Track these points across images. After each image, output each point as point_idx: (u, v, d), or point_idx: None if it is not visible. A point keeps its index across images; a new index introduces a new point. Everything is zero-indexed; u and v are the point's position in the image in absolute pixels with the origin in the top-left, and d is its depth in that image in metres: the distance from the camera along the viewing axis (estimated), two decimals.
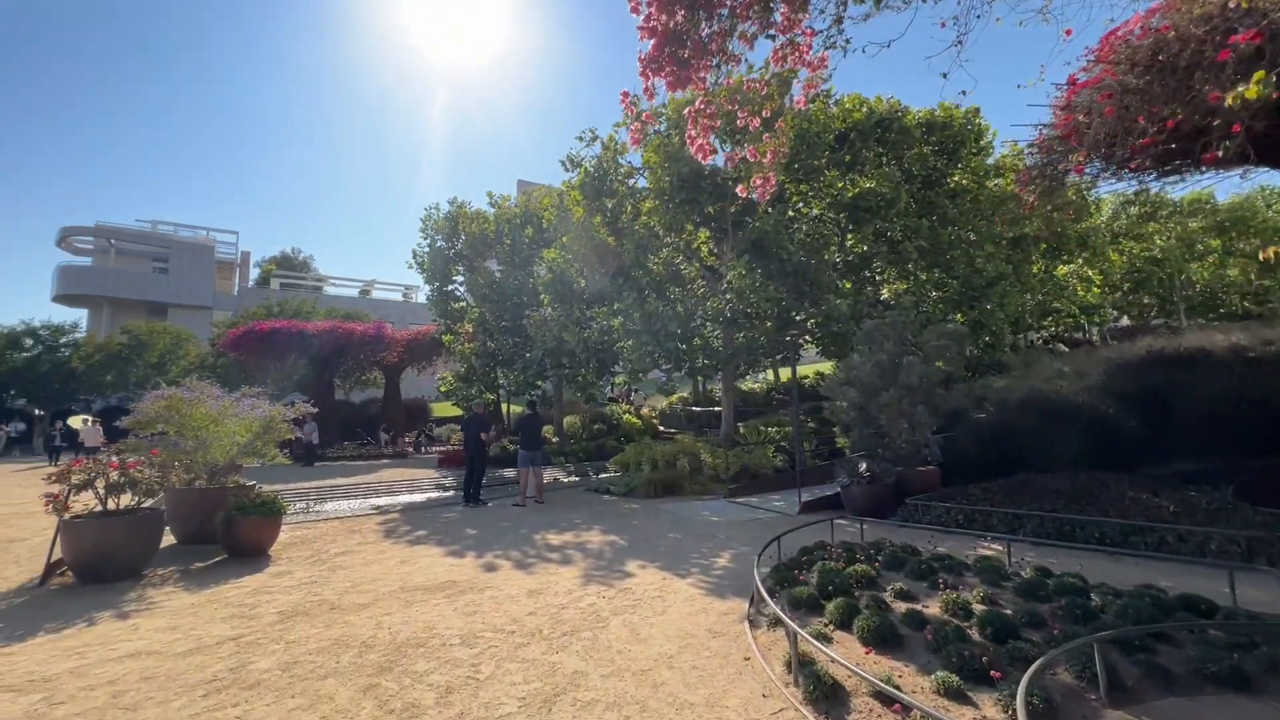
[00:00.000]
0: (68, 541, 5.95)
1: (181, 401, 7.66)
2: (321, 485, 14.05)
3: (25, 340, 32.05)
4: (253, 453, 8.14)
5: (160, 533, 6.51)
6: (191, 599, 5.46)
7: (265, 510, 7.02)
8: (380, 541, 7.85)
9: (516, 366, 16.37)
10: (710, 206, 11.57)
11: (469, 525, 8.91)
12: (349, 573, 6.29)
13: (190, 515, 7.64)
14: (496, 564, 6.61)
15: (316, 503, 12.68)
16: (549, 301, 14.16)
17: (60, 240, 44.58)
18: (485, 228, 17.39)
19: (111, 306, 42.21)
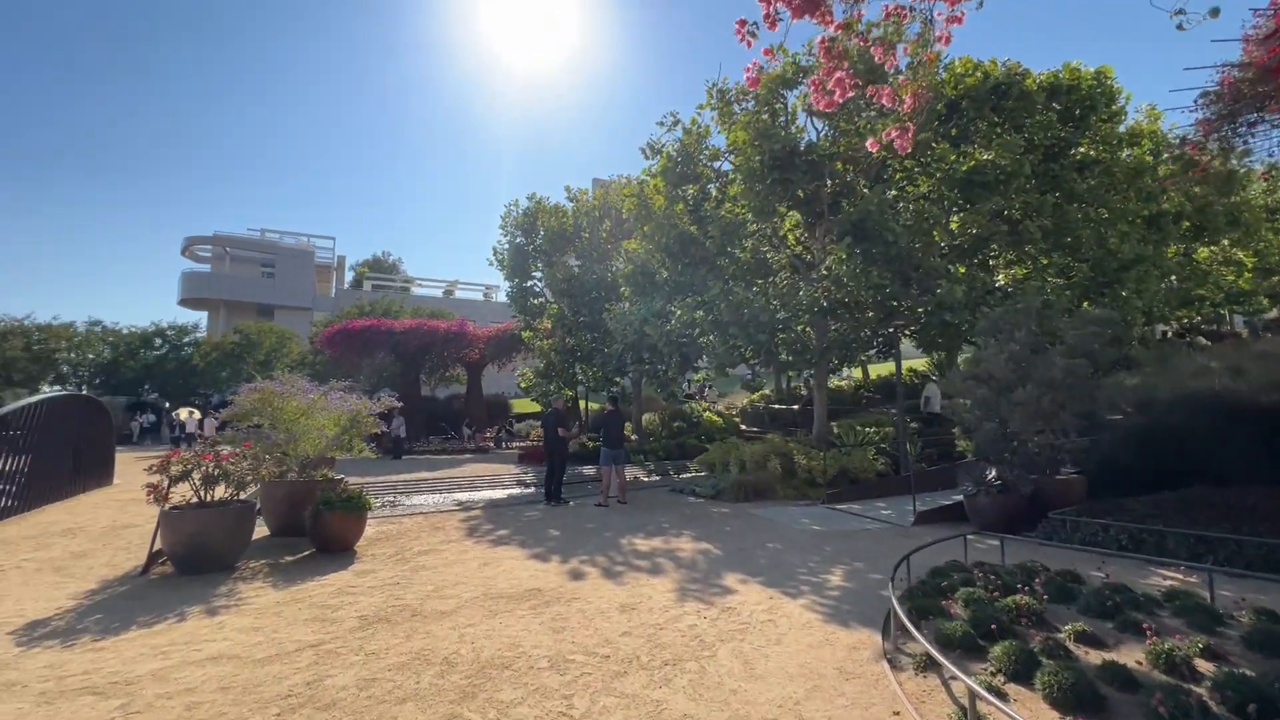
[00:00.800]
0: (166, 532, 5.99)
1: (273, 395, 7.70)
2: (408, 479, 14.25)
3: (155, 340, 35.29)
4: (340, 446, 8.12)
5: (251, 525, 6.49)
6: (277, 597, 5.30)
7: (350, 506, 6.89)
8: (463, 540, 7.59)
9: (595, 362, 16.04)
10: (803, 188, 10.67)
11: (552, 526, 8.53)
12: (431, 574, 6.00)
13: (282, 507, 7.67)
14: (582, 571, 6.13)
15: (403, 495, 12.82)
16: (629, 294, 13.68)
17: (184, 249, 48.93)
18: (563, 222, 17.19)
19: (227, 308, 45.89)
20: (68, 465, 10.32)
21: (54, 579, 5.92)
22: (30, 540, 7.40)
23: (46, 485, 9.72)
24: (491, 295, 57.73)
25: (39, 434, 9.62)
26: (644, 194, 13.47)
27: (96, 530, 7.92)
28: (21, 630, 4.54)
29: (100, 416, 11.89)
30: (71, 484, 10.42)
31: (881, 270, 10.05)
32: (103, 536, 7.57)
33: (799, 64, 11.07)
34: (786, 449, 11.10)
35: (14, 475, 9.27)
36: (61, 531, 7.81)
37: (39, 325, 32.35)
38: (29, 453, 9.51)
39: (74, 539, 7.45)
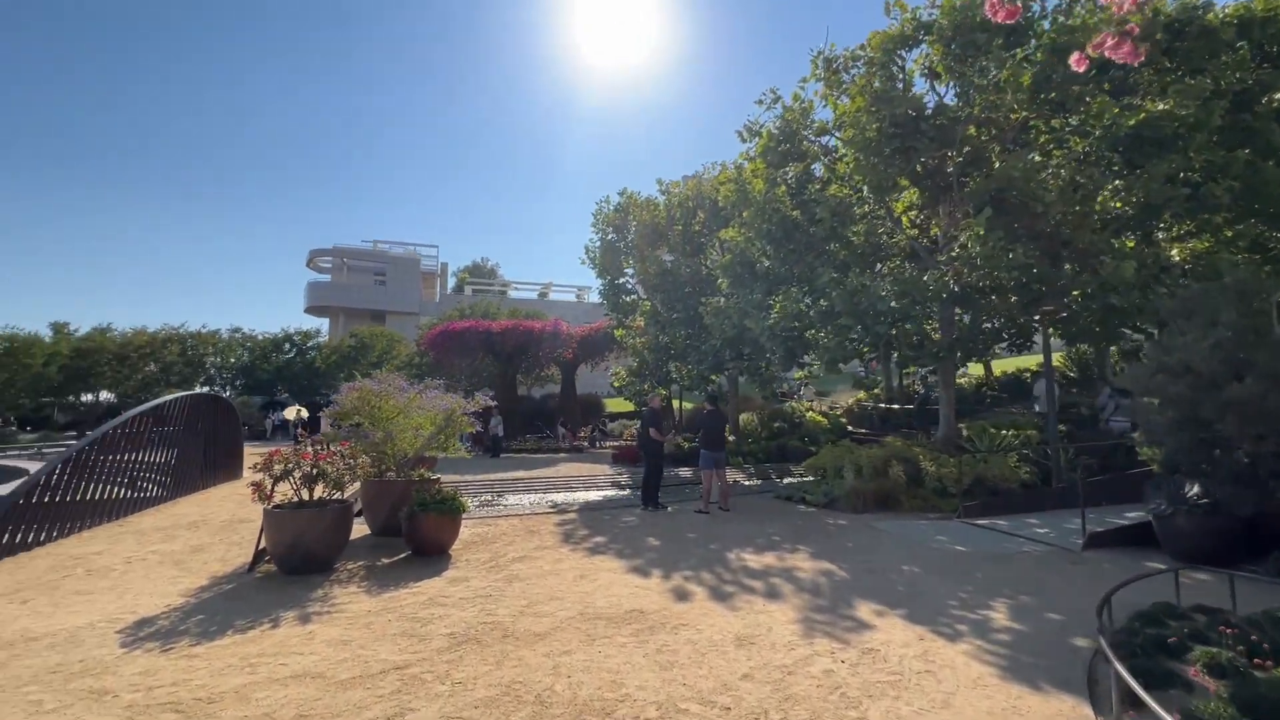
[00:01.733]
0: (269, 531, 5.97)
1: (371, 393, 7.66)
2: (504, 478, 14.25)
3: (285, 345, 38.58)
4: (437, 445, 7.97)
5: (349, 526, 6.38)
6: (369, 605, 5.04)
7: (445, 509, 6.63)
8: (558, 547, 7.16)
9: (690, 359, 15.35)
10: (927, 157, 9.39)
11: (650, 534, 7.94)
12: (525, 586, 5.56)
13: (381, 507, 7.60)
14: (688, 590, 5.46)
15: (499, 495, 12.77)
16: (726, 286, 12.87)
17: (309, 261, 53.44)
18: (655, 215, 16.65)
19: (345, 315, 49.56)
20: (201, 459, 11.06)
21: (172, 573, 6.06)
22: (161, 532, 7.80)
23: (185, 477, 10.44)
24: (583, 296, 58.66)
25: (182, 428, 10.36)
26: (742, 179, 12.60)
27: (217, 524, 8.25)
28: (129, 629, 4.52)
29: (228, 414, 12.73)
30: (204, 477, 11.16)
31: (1027, 247, 8.60)
32: (221, 531, 7.84)
33: (920, 19, 9.79)
34: (910, 453, 9.86)
35: (164, 467, 10.01)
36: (188, 524, 8.21)
37: (191, 333, 36.30)
38: (175, 446, 10.25)
39: (197, 532, 7.77)
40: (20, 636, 4.35)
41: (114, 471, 8.56)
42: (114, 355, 32.93)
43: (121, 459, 8.78)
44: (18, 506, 6.81)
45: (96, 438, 8.12)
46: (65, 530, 7.52)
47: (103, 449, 8.27)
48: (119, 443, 8.66)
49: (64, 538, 7.44)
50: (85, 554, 6.74)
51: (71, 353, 32.12)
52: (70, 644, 4.23)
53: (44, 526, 7.21)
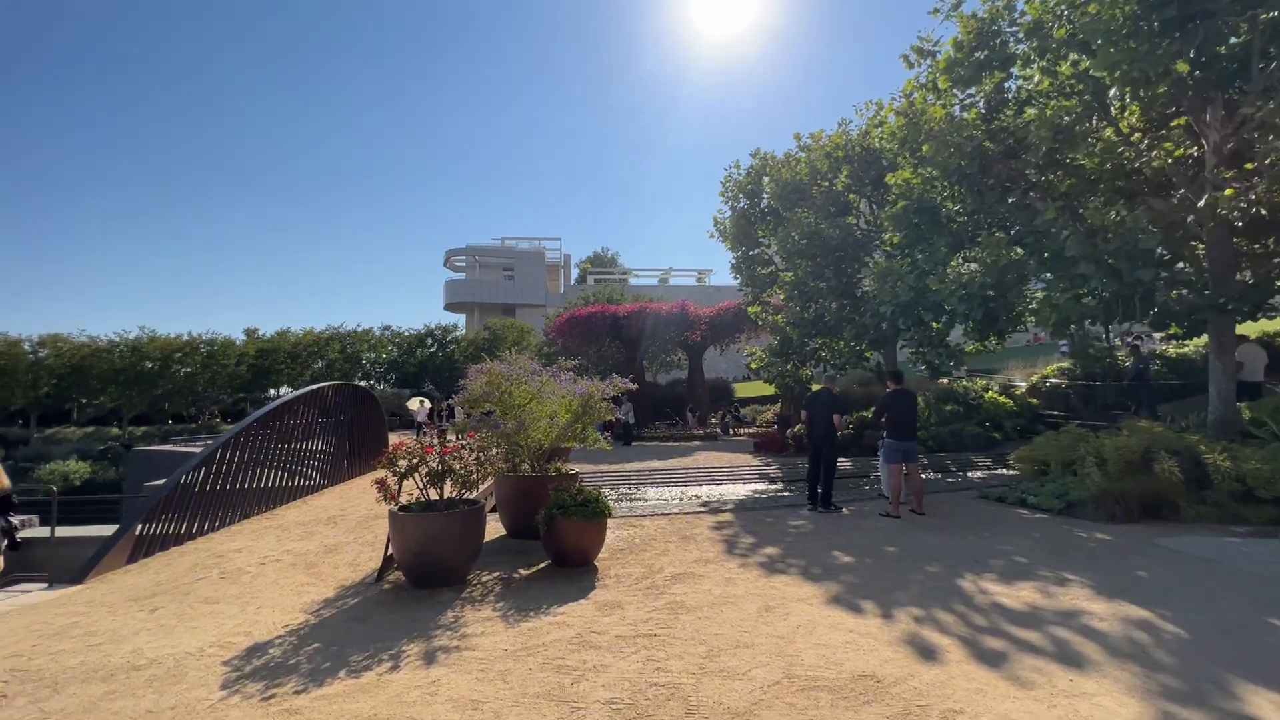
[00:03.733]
0: (394, 535, 5.16)
1: (500, 377, 6.73)
2: (640, 469, 13.19)
3: (427, 340, 41.05)
4: (573, 436, 6.91)
5: (481, 531, 5.44)
6: (505, 640, 3.96)
7: (588, 513, 5.49)
8: (723, 560, 5.78)
9: (846, 333, 13.26)
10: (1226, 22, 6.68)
11: (835, 545, 6.32)
12: (696, 621, 4.23)
13: (515, 504, 6.69)
14: (929, 641, 3.82)
15: (637, 488, 11.70)
16: (898, 240, 10.69)
17: (446, 261, 56.68)
18: (796, 172, 14.64)
19: (479, 309, 51.97)
20: (345, 450, 11.07)
21: (301, 580, 5.47)
22: (301, 528, 7.48)
23: (331, 467, 10.45)
24: (705, 279, 57.04)
25: (325, 418, 10.35)
26: (913, 110, 10.34)
27: (354, 519, 7.83)
28: (238, 660, 3.78)
29: (371, 404, 12.82)
30: (349, 467, 11.18)
31: None
32: (357, 527, 7.37)
33: None
34: (1181, 443, 7.29)
35: (309, 457, 10.02)
36: (327, 519, 7.87)
37: (349, 332, 39.59)
38: (319, 437, 10.26)
39: (333, 529, 7.35)
40: (126, 664, 3.74)
41: (261, 463, 8.48)
42: (288, 354, 36.63)
43: (268, 450, 8.71)
44: (168, 500, 6.68)
45: (241, 429, 8.02)
46: (216, 523, 7.41)
47: (248, 440, 8.18)
48: (264, 434, 8.58)
49: (214, 531, 7.33)
50: (226, 551, 6.45)
51: (257, 353, 36.16)
52: (171, 679, 3.52)
53: (195, 519, 7.10)
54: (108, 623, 4.51)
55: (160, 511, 6.56)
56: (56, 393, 31.69)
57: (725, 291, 40.37)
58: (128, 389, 32.32)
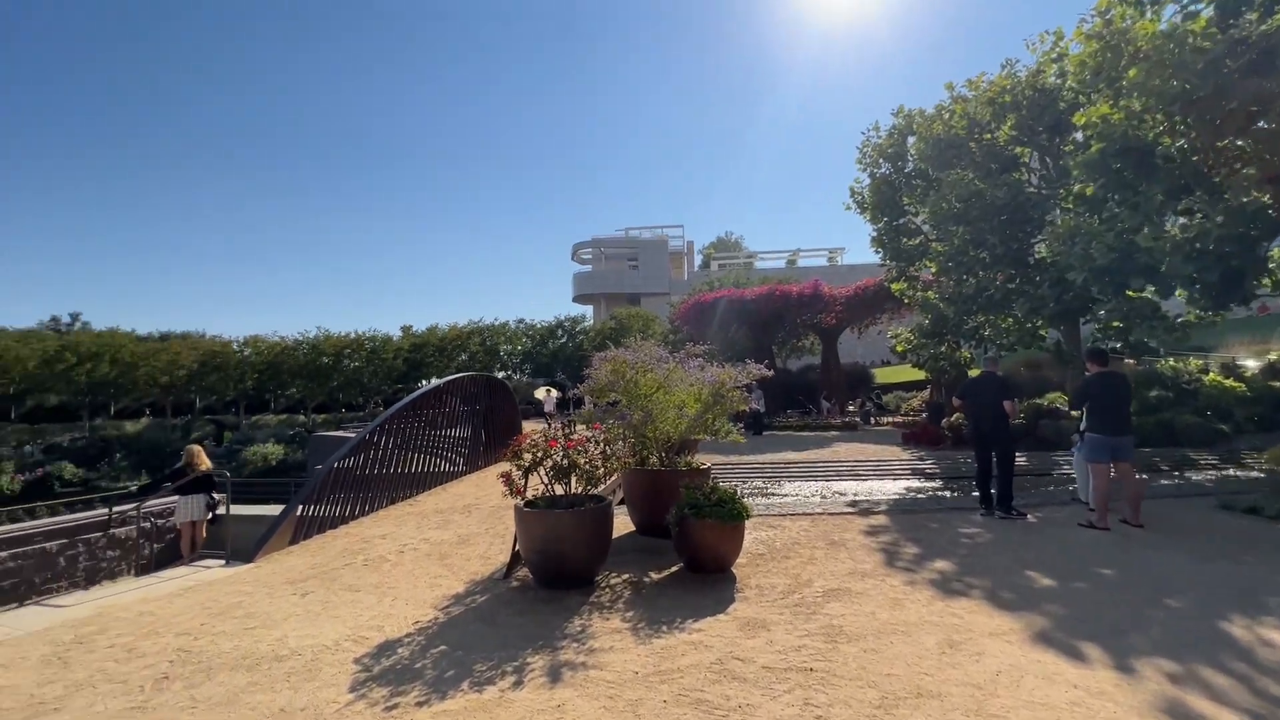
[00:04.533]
0: (521, 533, 4.94)
1: (625, 365, 6.33)
2: (774, 461, 12.36)
3: (557, 331, 42.63)
4: (703, 427, 6.34)
5: (608, 530, 5.06)
6: (636, 660, 3.51)
7: (724, 514, 4.91)
8: (884, 575, 4.93)
9: (1018, 306, 11.37)
10: None
11: (1024, 560, 5.20)
12: (860, 654, 3.50)
13: (643, 500, 6.28)
14: (1201, 714, 2.79)
15: (772, 482, 10.92)
16: (1090, 192, 8.82)
17: (573, 255, 58.57)
18: (950, 126, 12.80)
19: (605, 300, 53.14)
20: (481, 438, 11.44)
21: (435, 571, 5.45)
22: (439, 515, 7.67)
23: (467, 455, 10.83)
24: (837, 258, 53.75)
25: (462, 407, 10.74)
26: (1109, 31, 8.43)
27: (488, 509, 7.90)
28: (368, 658, 3.68)
29: (504, 393, 13.18)
30: (484, 455, 11.54)
31: None
32: (490, 517, 7.39)
33: None
34: None
35: (447, 445, 10.45)
36: (462, 508, 8.02)
37: (488, 325, 42.18)
38: (456, 425, 10.66)
39: (468, 518, 7.44)
40: (271, 653, 3.78)
41: (406, 449, 8.87)
42: (436, 348, 39.81)
43: (412, 437, 9.11)
44: (323, 484, 7.09)
45: (388, 417, 8.42)
46: (366, 507, 7.81)
47: (395, 426, 8.57)
48: (409, 422, 8.97)
49: (363, 516, 7.72)
50: (371, 537, 6.70)
51: (410, 348, 39.68)
52: (307, 674, 3.48)
53: (347, 504, 7.50)
54: (265, 605, 4.71)
55: (317, 496, 6.98)
56: (258, 385, 37.01)
57: (860, 270, 37.57)
58: (310, 381, 36.93)
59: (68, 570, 7.27)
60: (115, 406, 36.31)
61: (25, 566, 6.94)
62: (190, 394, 36.41)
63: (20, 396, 32.67)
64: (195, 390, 35.99)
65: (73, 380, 31.26)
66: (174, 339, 38.20)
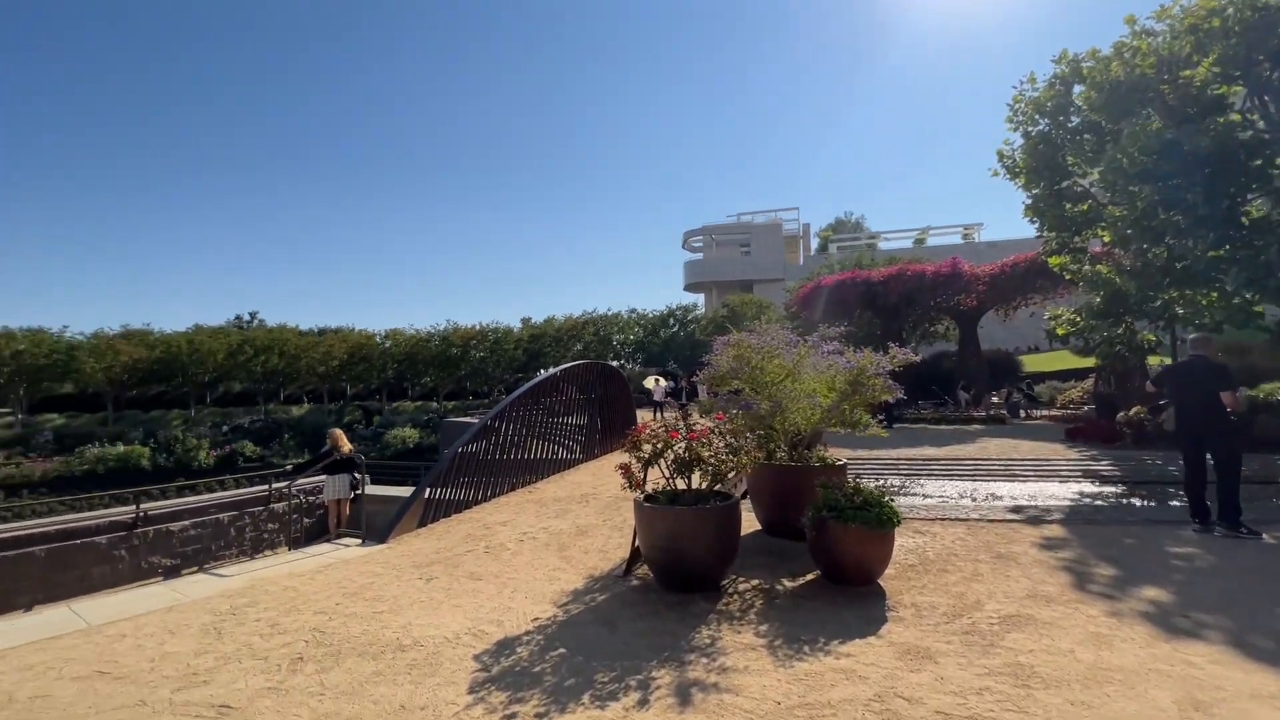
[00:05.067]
0: (641, 529, 4.61)
1: (750, 350, 5.80)
2: (910, 457, 11.21)
3: (669, 320, 42.56)
4: (839, 419, 5.66)
5: (736, 530, 4.60)
6: (776, 689, 3.03)
7: (870, 519, 4.27)
8: (1075, 599, 4.05)
9: (1231, 277, 9.32)
10: None
11: (1275, 593, 4.06)
12: (1065, 706, 2.77)
13: (770, 498, 5.76)
14: None
15: (909, 480, 9.88)
16: None
17: (684, 242, 58.14)
18: (1135, 66, 10.74)
19: (717, 288, 52.26)
20: (597, 426, 11.38)
21: (554, 563, 5.29)
22: (557, 504, 7.60)
23: (584, 443, 10.81)
24: (973, 234, 48.82)
25: (578, 395, 10.74)
26: None
27: (606, 498, 7.72)
28: (487, 656, 3.51)
29: (619, 381, 13.07)
30: (601, 443, 11.48)
31: None
32: (608, 508, 7.18)
33: None
34: None
35: (566, 432, 10.50)
36: (580, 497, 7.90)
37: (600, 316, 42.99)
38: (573, 413, 10.68)
39: (585, 508, 7.28)
40: (395, 642, 3.74)
41: (525, 436, 8.93)
42: (553, 338, 41.22)
43: (532, 424, 9.17)
44: (448, 469, 7.25)
45: (509, 403, 8.51)
46: (488, 492, 7.93)
47: (516, 413, 8.66)
48: (529, 409, 9.04)
49: (485, 502, 7.84)
50: (493, 524, 6.74)
51: (529, 339, 41.43)
52: (428, 669, 3.37)
53: (470, 488, 7.64)
54: (393, 589, 4.77)
55: (442, 480, 7.15)
56: (397, 374, 40.44)
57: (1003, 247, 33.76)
58: (441, 370, 39.74)
59: (237, 539, 8.07)
60: (284, 393, 41.23)
61: (204, 535, 7.77)
62: (342, 382, 40.46)
63: (214, 383, 38.05)
64: (346, 379, 39.94)
65: (251, 370, 35.86)
66: (329, 333, 42.63)
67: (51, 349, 32.96)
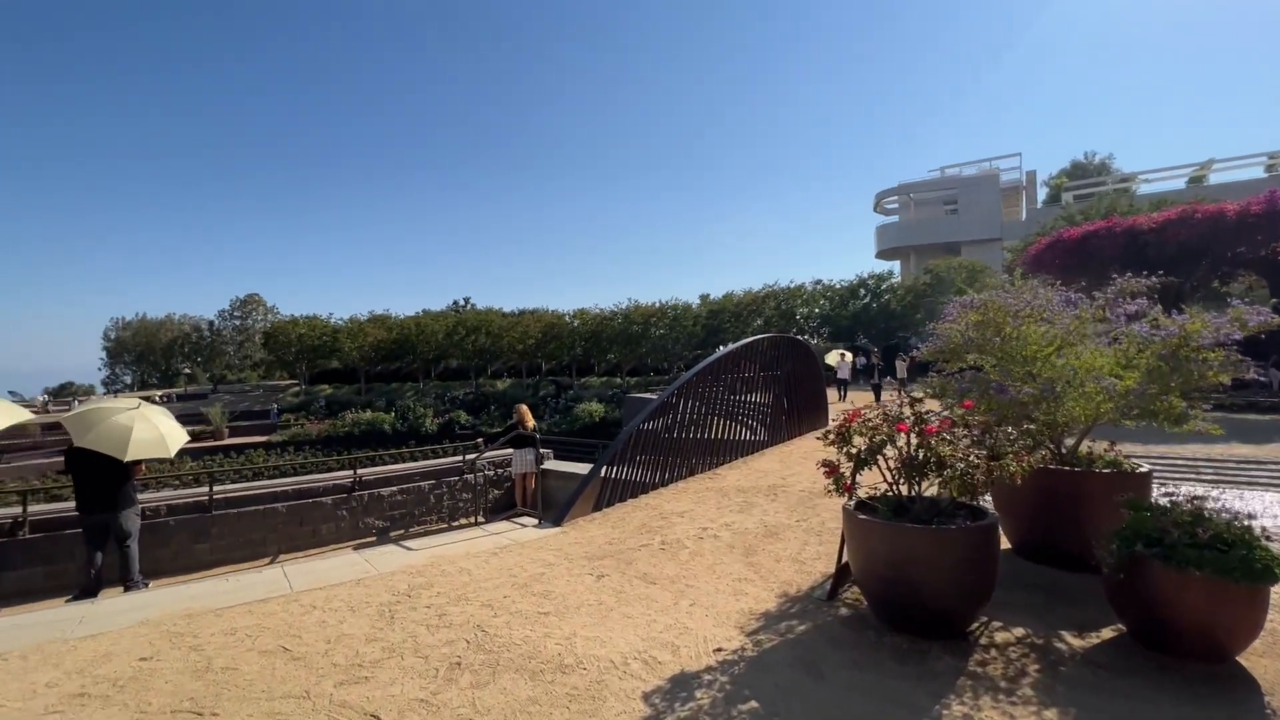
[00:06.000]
0: (852, 547, 3.58)
1: (1000, 311, 4.32)
2: (1209, 456, 8.39)
3: (859, 291, 39.05)
4: (1146, 409, 3.95)
5: (994, 560, 3.35)
6: None
7: (1230, 566, 2.75)
8: None
9: None
10: None
11: None
12: None
13: (1032, 511, 4.29)
14: None
15: (1217, 490, 7.29)
16: None
17: (875, 205, 52.90)
18: None
19: (915, 254, 46.77)
20: (785, 406, 10.26)
21: (738, 570, 4.48)
22: (740, 496, 6.74)
23: (771, 425, 9.78)
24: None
25: (765, 371, 9.72)
26: None
27: (797, 492, 6.68)
28: (658, 699, 2.82)
29: (808, 356, 11.73)
30: (788, 426, 10.35)
31: None
32: (800, 505, 6.16)
33: None
34: None
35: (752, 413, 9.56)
36: (767, 488, 6.95)
37: (783, 288, 40.85)
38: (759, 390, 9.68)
39: (774, 502, 6.33)
40: (556, 659, 3.22)
41: (706, 416, 8.20)
42: (732, 314, 40.19)
43: (713, 402, 8.41)
44: (624, 449, 6.78)
45: (692, 376, 7.83)
46: (666, 475, 7.36)
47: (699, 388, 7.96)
48: (710, 385, 8.29)
49: (662, 487, 7.27)
50: (670, 514, 6.10)
51: (708, 314, 40.92)
52: (589, 705, 2.78)
53: (647, 470, 7.12)
54: (562, 584, 4.34)
55: (618, 459, 6.71)
56: (585, 351, 42.70)
57: None
58: (623, 347, 41.06)
59: (436, 507, 8.56)
60: (490, 369, 45.92)
61: (409, 501, 8.34)
62: (537, 359, 43.81)
63: (436, 360, 43.65)
64: (540, 356, 43.17)
65: (464, 348, 40.42)
66: (526, 314, 46.36)
67: (321, 332, 40.42)
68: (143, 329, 61.47)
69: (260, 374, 54.49)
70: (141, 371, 60.96)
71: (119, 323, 62.09)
